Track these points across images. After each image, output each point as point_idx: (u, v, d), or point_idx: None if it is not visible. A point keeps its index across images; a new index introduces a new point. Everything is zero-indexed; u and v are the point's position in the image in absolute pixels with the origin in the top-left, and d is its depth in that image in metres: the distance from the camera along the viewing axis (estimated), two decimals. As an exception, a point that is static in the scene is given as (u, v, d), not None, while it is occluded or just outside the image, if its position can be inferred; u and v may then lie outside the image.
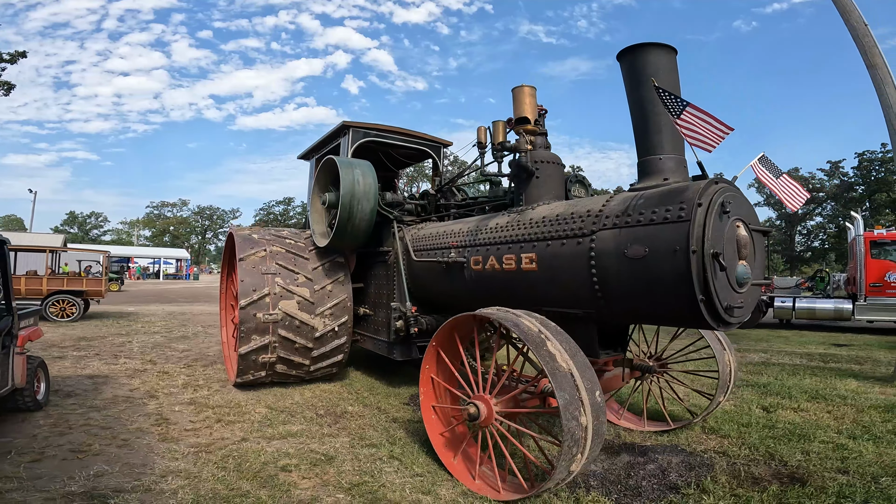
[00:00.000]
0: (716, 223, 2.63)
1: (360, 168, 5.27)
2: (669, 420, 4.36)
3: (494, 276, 3.97)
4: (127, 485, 2.96)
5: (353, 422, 4.54)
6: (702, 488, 3.04)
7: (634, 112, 3.37)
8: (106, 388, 5.47)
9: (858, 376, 6.85)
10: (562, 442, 2.49)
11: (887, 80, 6.77)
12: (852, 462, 3.48)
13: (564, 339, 2.80)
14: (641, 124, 3.30)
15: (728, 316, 2.73)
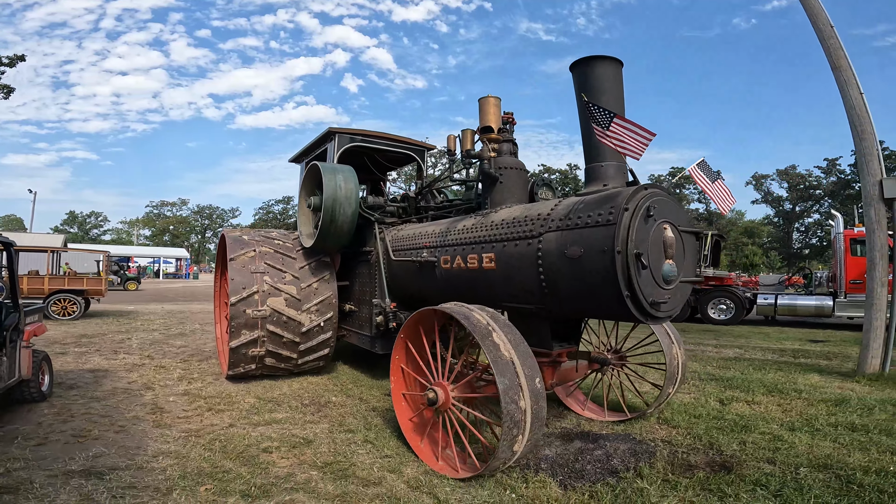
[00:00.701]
0: (640, 226, 2.95)
1: (342, 173, 5.60)
2: (627, 410, 4.66)
3: (461, 274, 4.31)
4: (122, 464, 3.30)
5: (335, 410, 4.89)
6: (638, 473, 3.31)
7: (582, 121, 3.70)
8: (105, 381, 5.83)
9: (823, 371, 7.13)
10: (502, 423, 2.83)
11: (851, 81, 7.02)
12: (782, 453, 3.70)
13: (510, 331, 3.13)
14: (587, 133, 3.63)
15: (654, 310, 3.07)
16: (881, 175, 6.80)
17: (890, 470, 3.27)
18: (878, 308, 6.71)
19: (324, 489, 3.04)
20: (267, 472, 3.26)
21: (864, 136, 6.86)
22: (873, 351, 6.71)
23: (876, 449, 3.73)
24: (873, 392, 5.73)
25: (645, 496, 2.93)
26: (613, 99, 3.66)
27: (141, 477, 3.09)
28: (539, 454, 3.71)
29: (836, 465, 3.39)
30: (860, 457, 3.57)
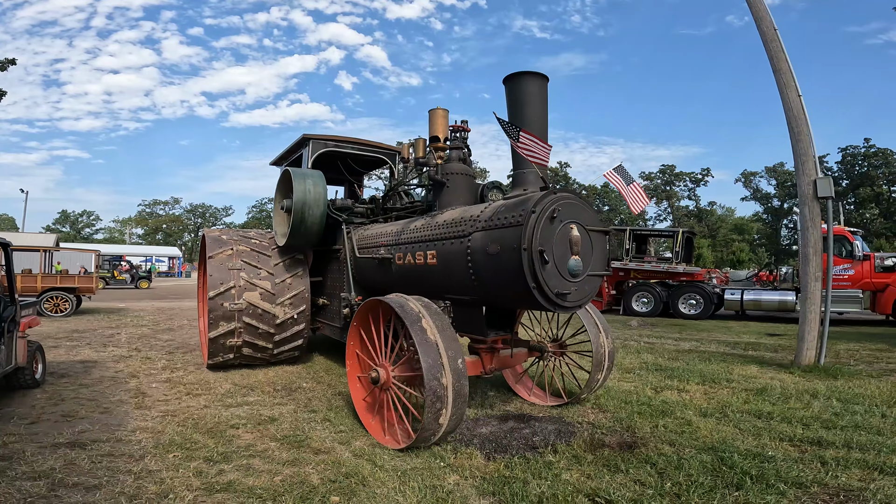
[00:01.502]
0: (545, 226, 3.45)
1: (311, 178, 6.09)
2: (564, 395, 5.08)
3: (412, 269, 4.80)
4: (103, 437, 3.78)
5: (303, 394, 5.37)
6: (553, 449, 3.69)
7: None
8: (94, 371, 6.29)
9: (764, 363, 7.54)
10: (425, 398, 3.32)
11: (790, 84, 7.38)
12: (685, 436, 3.97)
13: (439, 318, 3.63)
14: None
15: (560, 300, 3.56)
16: (815, 175, 7.27)
17: (767, 454, 3.55)
18: (813, 301, 7.21)
19: (278, 456, 3.53)
20: (230, 443, 3.75)
21: (801, 137, 7.30)
22: (808, 343, 7.18)
23: (768, 435, 4.03)
24: (800, 382, 6.05)
25: (551, 468, 3.32)
26: (539, 109, 4.15)
27: (119, 447, 3.57)
28: (475, 431, 4.18)
29: (723, 448, 3.65)
30: (750, 441, 3.88)
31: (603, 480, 3.15)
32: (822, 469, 3.31)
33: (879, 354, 8.53)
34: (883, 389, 5.65)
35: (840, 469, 3.30)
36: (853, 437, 3.92)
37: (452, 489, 3.03)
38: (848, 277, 12.98)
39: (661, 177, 63.51)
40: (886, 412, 4.68)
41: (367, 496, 2.90)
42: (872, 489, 2.99)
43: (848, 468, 3.31)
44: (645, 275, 15.67)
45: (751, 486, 3.02)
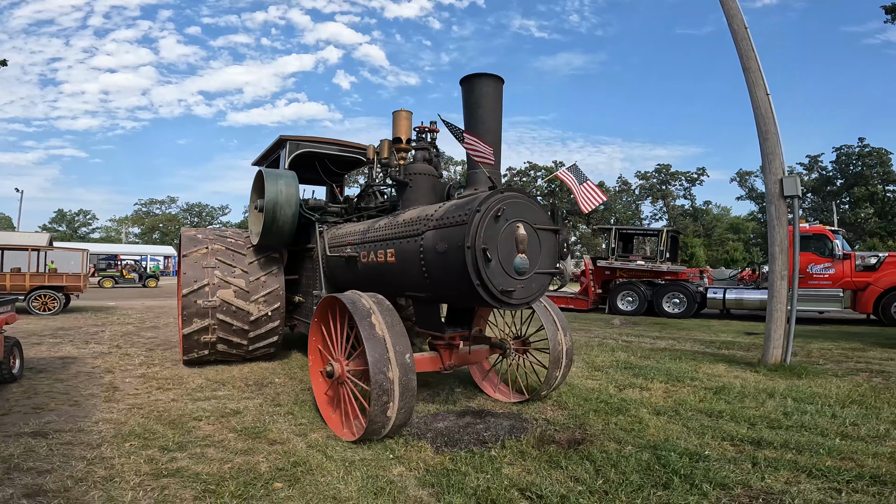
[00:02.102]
0: (489, 225, 3.58)
1: (284, 179, 6.22)
2: (526, 392, 5.15)
3: (375, 267, 4.94)
4: (66, 427, 3.92)
5: (273, 389, 5.51)
6: (502, 444, 3.76)
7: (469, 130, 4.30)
8: (72, 367, 6.42)
9: (734, 362, 7.58)
10: (371, 391, 3.46)
11: (759, 82, 7.40)
12: (632, 434, 4.02)
13: (389, 314, 3.76)
14: None
15: (506, 297, 3.70)
16: (782, 174, 7.39)
17: (703, 454, 3.58)
18: (779, 300, 7.35)
19: (233, 446, 3.67)
20: (189, 434, 3.89)
21: (768, 136, 7.37)
22: (775, 342, 7.28)
23: (712, 434, 4.06)
24: (762, 381, 6.09)
25: (494, 462, 3.41)
26: (493, 110, 4.27)
27: (79, 437, 3.71)
28: (432, 425, 4.28)
29: (664, 447, 3.68)
30: (693, 440, 3.92)
31: (540, 476, 3.21)
32: (752, 470, 3.33)
33: (851, 353, 8.66)
34: (842, 389, 5.68)
35: (769, 471, 3.32)
36: (794, 438, 3.96)
37: (395, 479, 3.16)
38: (828, 276, 13.14)
39: (657, 176, 63.64)
40: (838, 412, 4.70)
41: (309, 483, 3.04)
42: (793, 492, 2.99)
43: (777, 470, 3.33)
44: (630, 274, 15.82)
45: (678, 485, 3.07)
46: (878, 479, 3.14)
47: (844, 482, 3.11)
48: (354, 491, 2.94)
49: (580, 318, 14.30)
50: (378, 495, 2.91)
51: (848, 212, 53.30)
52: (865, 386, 5.89)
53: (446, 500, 2.87)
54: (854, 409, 4.85)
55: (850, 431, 4.14)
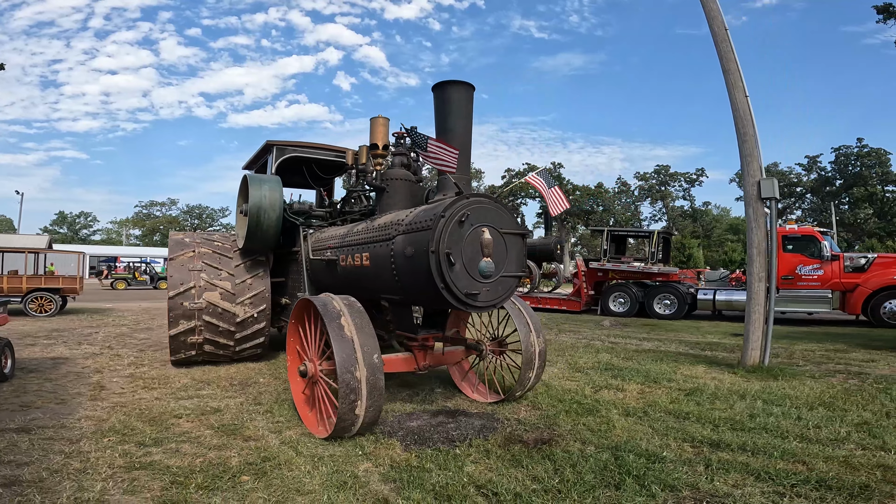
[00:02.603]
0: (454, 230, 3.72)
1: (268, 184, 6.38)
2: (502, 393, 5.23)
3: (353, 270, 5.08)
4: (50, 424, 4.07)
5: (256, 389, 5.65)
6: (469, 443, 3.85)
7: (439, 137, 4.44)
8: (63, 367, 6.58)
9: (715, 363, 7.61)
10: (339, 390, 3.60)
11: (738, 85, 7.43)
12: (598, 434, 4.08)
13: (359, 316, 3.91)
14: None
15: (471, 300, 3.83)
16: (760, 176, 7.48)
17: (660, 455, 3.63)
18: (757, 301, 7.44)
19: (208, 442, 3.81)
20: (168, 430, 4.04)
21: (746, 138, 7.37)
22: (753, 343, 7.29)
23: (675, 435, 4.10)
24: (737, 383, 6.10)
25: (457, 460, 3.51)
26: (464, 116, 4.42)
27: (61, 432, 3.87)
28: (405, 424, 4.39)
29: (625, 448, 3.74)
30: (656, 441, 3.95)
31: (500, 474, 3.29)
32: (704, 472, 3.36)
33: (833, 355, 8.73)
34: (814, 390, 5.69)
35: (720, 473, 3.34)
36: (753, 440, 3.98)
37: (360, 475, 3.29)
38: (817, 278, 13.24)
39: (656, 177, 63.71)
40: (803, 414, 4.72)
41: (276, 477, 3.18)
42: (737, 496, 3.02)
43: (728, 472, 3.36)
44: (622, 275, 15.94)
45: (629, 486, 3.13)
46: (823, 483, 3.16)
47: (790, 486, 3.14)
48: (318, 484, 3.09)
49: (571, 320, 14.42)
50: (340, 489, 3.05)
51: (847, 212, 53.32)
52: (839, 388, 5.91)
53: (405, 494, 3.00)
54: (821, 411, 4.87)
55: (811, 434, 4.17)
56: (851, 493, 3.01)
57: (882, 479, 3.21)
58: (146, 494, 2.83)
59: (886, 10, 14.97)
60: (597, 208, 52.96)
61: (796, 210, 62.29)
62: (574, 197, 50.23)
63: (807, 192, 58.22)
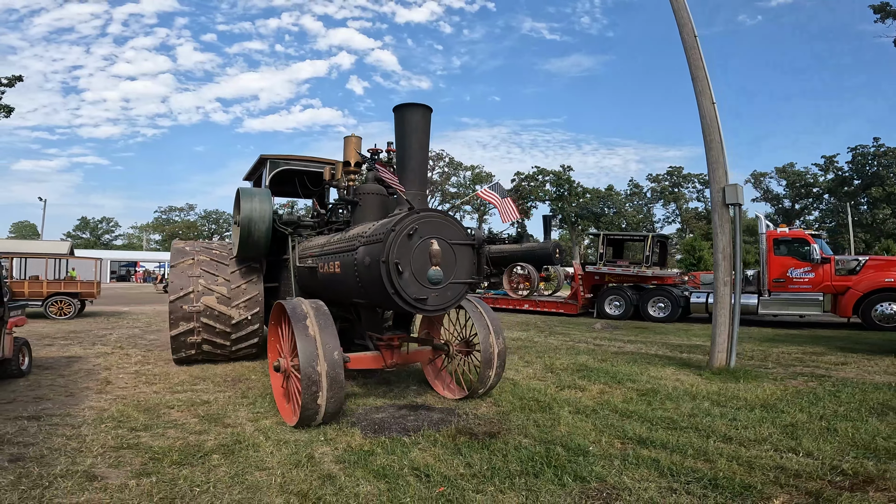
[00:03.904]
0: (403, 242, 4.21)
1: (258, 196, 6.97)
2: (467, 390, 5.59)
3: (329, 276, 5.61)
4: (57, 412, 4.68)
5: (246, 384, 6.21)
6: (421, 433, 4.18)
7: (398, 155, 4.94)
8: (76, 365, 7.25)
9: (686, 365, 7.84)
10: (301, 382, 4.11)
11: (705, 91, 7.68)
12: (543, 429, 4.31)
13: (324, 318, 4.42)
14: (401, 166, 4.90)
15: (420, 304, 4.32)
16: (725, 182, 7.75)
17: (588, 449, 3.86)
18: (723, 305, 7.73)
19: (192, 428, 4.36)
20: (158, 418, 4.61)
21: (713, 144, 7.63)
22: (719, 346, 7.52)
23: (611, 432, 4.31)
24: (698, 384, 6.30)
25: (405, 447, 3.88)
26: (421, 137, 4.90)
27: (66, 419, 4.46)
28: (370, 416, 4.82)
29: (559, 442, 4.01)
30: (592, 437, 4.18)
31: (439, 460, 3.62)
32: (618, 467, 3.56)
33: (807, 358, 8.92)
34: (766, 392, 5.83)
35: (631, 468, 3.53)
36: (678, 439, 4.16)
37: (316, 456, 3.78)
38: (808, 280, 13.38)
39: (669, 178, 63.29)
40: (740, 416, 4.86)
41: (242, 456, 3.71)
42: (634, 489, 3.22)
43: (638, 468, 3.55)
44: (617, 278, 16.23)
45: (547, 475, 3.39)
46: (713, 482, 3.30)
47: (685, 483, 3.30)
48: (276, 462, 3.60)
49: (565, 323, 14.78)
50: (296, 466, 3.55)
51: (866, 213, 52.36)
52: (792, 390, 6.08)
53: (349, 472, 3.48)
54: (757, 413, 5.00)
55: (735, 434, 4.33)
56: (733, 493, 3.16)
57: (771, 481, 3.35)
58: (127, 468, 3.38)
59: (883, 10, 15.03)
60: (607, 211, 52.88)
61: (814, 211, 61.28)
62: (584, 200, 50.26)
63: (824, 192, 57.27)
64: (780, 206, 63.26)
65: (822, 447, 4.04)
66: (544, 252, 19.17)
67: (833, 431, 4.45)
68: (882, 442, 4.12)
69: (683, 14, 8.04)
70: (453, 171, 55.84)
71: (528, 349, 9.53)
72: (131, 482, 3.13)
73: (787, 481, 3.37)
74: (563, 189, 54.51)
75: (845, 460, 3.74)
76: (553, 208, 54.20)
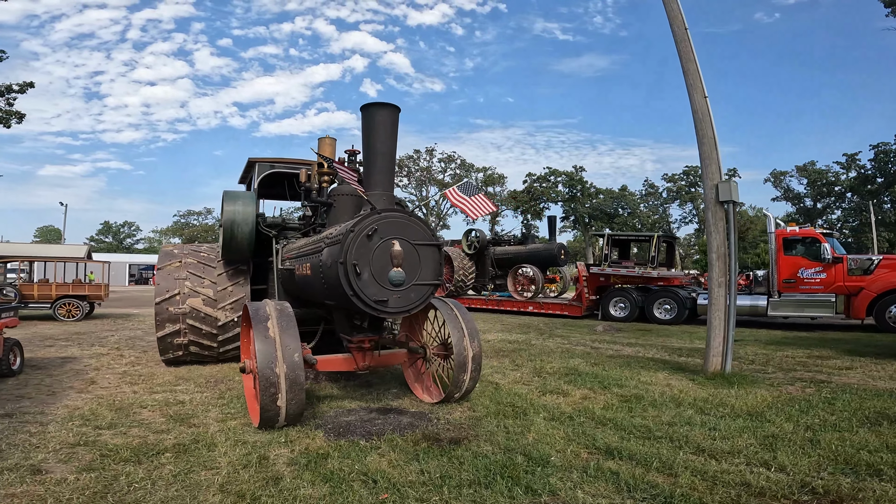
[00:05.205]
0: (362, 243, 4.17)
1: (241, 199, 7.04)
2: (443, 393, 5.47)
3: (302, 278, 5.61)
4: (32, 410, 4.78)
5: (226, 385, 6.24)
6: (383, 438, 4.11)
7: (364, 155, 4.90)
8: (68, 365, 7.41)
9: (681, 370, 7.57)
10: (259, 384, 4.10)
11: (697, 86, 7.44)
12: (511, 436, 4.20)
13: (286, 320, 4.40)
14: (367, 166, 4.86)
15: (381, 306, 4.27)
16: (718, 179, 7.49)
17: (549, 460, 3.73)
18: (718, 308, 7.45)
19: (156, 427, 4.40)
20: (127, 417, 4.66)
21: (705, 140, 7.36)
22: (714, 350, 7.19)
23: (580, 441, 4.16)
24: (687, 390, 6.05)
25: (362, 451, 3.83)
26: (388, 137, 4.80)
27: (38, 417, 4.55)
28: (339, 419, 4.76)
29: (523, 450, 3.88)
30: (558, 445, 4.04)
31: (394, 466, 3.54)
32: (575, 479, 3.42)
33: (811, 362, 8.57)
34: (758, 399, 5.62)
35: (588, 481, 3.40)
36: (647, 449, 3.97)
37: (270, 457, 3.74)
38: (820, 281, 12.93)
39: (685, 178, 62.14)
40: (721, 424, 4.65)
41: (194, 455, 3.71)
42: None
43: (596, 481, 3.41)
44: (623, 279, 15.95)
45: (497, 485, 3.28)
46: (670, 500, 3.14)
47: (639, 500, 3.16)
48: (226, 463, 3.59)
49: (568, 325, 14.57)
50: (245, 467, 3.54)
51: (889, 211, 50.60)
52: (785, 397, 5.82)
53: (297, 475, 3.44)
54: (740, 422, 4.77)
55: (709, 445, 4.12)
56: (687, 512, 2.99)
57: (730, 500, 3.15)
58: (75, 464, 3.43)
59: (894, 3, 14.52)
60: (621, 212, 52.15)
61: (836, 210, 59.49)
62: (597, 201, 49.65)
63: (846, 191, 55.54)
64: (802, 206, 61.57)
65: (799, 461, 3.78)
66: (549, 253, 19.10)
67: (815, 443, 4.18)
68: (866, 456, 3.84)
69: (673, 6, 7.79)
70: (465, 173, 55.74)
71: (521, 352, 9.39)
72: (72, 477, 3.18)
73: (748, 501, 3.15)
74: (575, 190, 53.95)
75: (819, 476, 3.49)
76: (566, 209, 53.72)
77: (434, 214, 52.55)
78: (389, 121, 4.84)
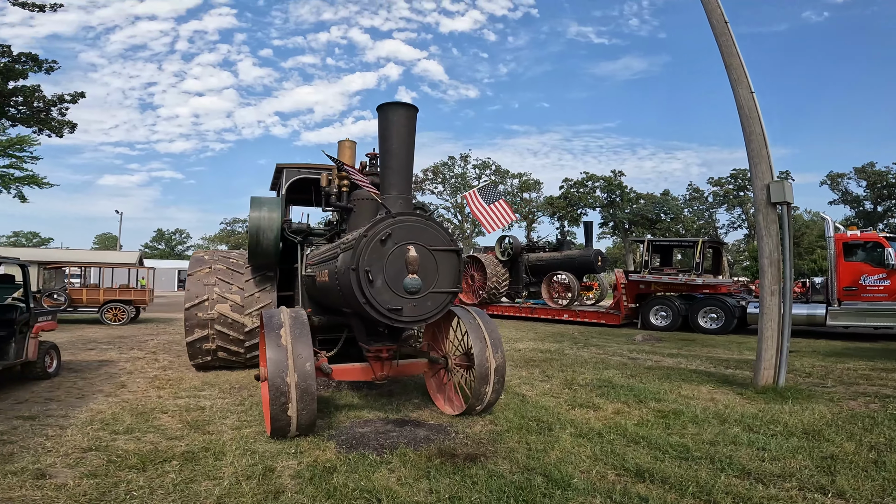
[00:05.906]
0: (375, 248, 3.99)
1: (267, 206, 7.05)
2: (465, 404, 5.17)
3: (322, 285, 5.50)
4: (56, 413, 4.86)
5: (248, 392, 6.20)
6: (396, 452, 3.90)
7: (381, 157, 4.73)
8: (103, 368, 7.62)
9: (728, 383, 7.03)
10: (269, 392, 3.98)
11: (742, 80, 6.97)
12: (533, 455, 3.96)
13: (300, 327, 4.27)
14: (383, 168, 4.70)
15: (395, 315, 4.06)
16: (770, 178, 6.90)
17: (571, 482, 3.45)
18: (770, 317, 6.84)
19: (172, 433, 4.35)
20: (146, 422, 4.65)
21: (753, 137, 6.85)
22: (766, 362, 6.64)
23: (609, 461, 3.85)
24: (734, 405, 5.65)
25: (372, 466, 3.66)
26: (406, 137, 4.62)
27: (60, 420, 4.61)
28: (354, 430, 4.59)
29: (545, 471, 3.62)
30: (584, 466, 3.75)
31: (402, 483, 3.35)
32: None
33: (876, 375, 7.83)
34: (815, 416, 5.14)
35: None
36: (684, 472, 3.66)
37: (277, 469, 3.60)
38: (883, 289, 11.83)
39: (733, 182, 59.29)
40: (772, 444, 4.25)
41: (200, 464, 3.61)
42: None
43: None
44: (665, 287, 15.17)
45: None
46: None
47: None
48: (230, 473, 3.47)
49: (604, 334, 13.94)
50: (248, 478, 3.40)
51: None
52: (847, 414, 5.29)
53: (300, 489, 3.28)
54: (794, 441, 4.35)
55: (758, 467, 3.75)
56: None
57: None
58: (81, 469, 3.40)
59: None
60: (663, 217, 50.22)
61: (900, 213, 55.17)
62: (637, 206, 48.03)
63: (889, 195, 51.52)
64: (861, 209, 57.47)
65: (861, 485, 3.39)
66: (585, 260, 18.44)
67: (881, 465, 3.76)
68: (939, 480, 3.38)
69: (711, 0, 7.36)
70: (500, 179, 55.28)
71: (553, 362, 9.00)
72: (72, 482, 3.15)
73: (799, 531, 2.75)
74: (614, 195, 52.39)
75: (884, 503, 3.09)
76: (604, 215, 52.22)
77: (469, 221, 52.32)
78: (406, 121, 4.66)
